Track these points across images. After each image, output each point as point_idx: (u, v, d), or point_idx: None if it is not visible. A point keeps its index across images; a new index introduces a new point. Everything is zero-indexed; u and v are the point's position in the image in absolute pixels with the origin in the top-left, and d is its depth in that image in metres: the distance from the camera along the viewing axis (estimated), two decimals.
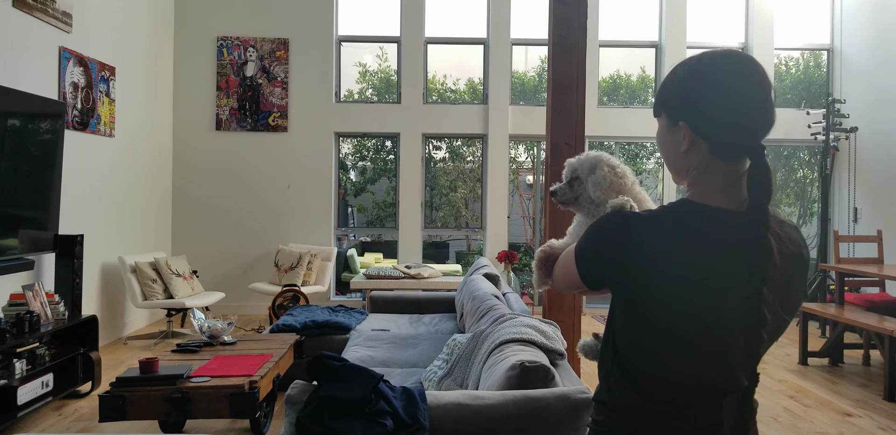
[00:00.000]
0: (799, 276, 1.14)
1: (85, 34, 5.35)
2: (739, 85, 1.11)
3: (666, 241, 1.08)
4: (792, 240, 1.13)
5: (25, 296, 3.98)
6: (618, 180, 1.39)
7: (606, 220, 1.15)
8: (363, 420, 2.03)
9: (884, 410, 4.14)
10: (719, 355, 1.10)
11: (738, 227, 1.07)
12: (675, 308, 1.08)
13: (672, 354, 1.11)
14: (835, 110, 6.87)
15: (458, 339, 3.28)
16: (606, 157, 1.44)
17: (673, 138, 1.17)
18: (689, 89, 1.14)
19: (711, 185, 1.13)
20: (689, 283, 1.06)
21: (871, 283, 6.16)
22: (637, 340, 1.14)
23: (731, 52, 1.16)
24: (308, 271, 6.69)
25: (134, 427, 3.63)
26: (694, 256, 1.07)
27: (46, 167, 4.38)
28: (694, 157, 1.14)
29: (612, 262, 1.12)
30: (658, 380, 1.13)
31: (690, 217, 1.11)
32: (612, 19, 7.61)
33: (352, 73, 7.87)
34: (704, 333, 1.08)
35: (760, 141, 1.11)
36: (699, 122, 1.12)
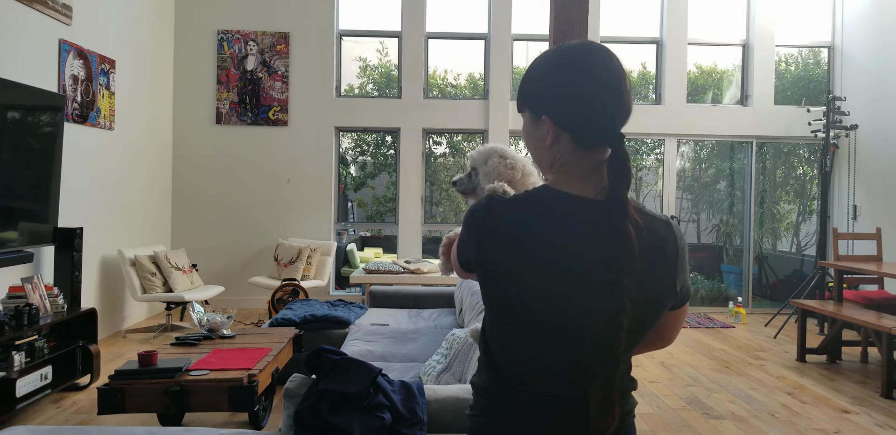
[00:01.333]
0: (661, 270, 1.12)
1: (85, 27, 5.33)
2: (595, 76, 1.12)
3: (516, 224, 1.09)
4: (654, 232, 1.12)
5: (24, 289, 3.98)
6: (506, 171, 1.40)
7: (474, 204, 1.17)
8: (361, 414, 2.04)
9: (881, 407, 4.15)
10: (571, 350, 1.08)
11: (595, 213, 1.07)
12: (527, 292, 1.08)
13: (525, 340, 1.11)
14: (835, 108, 6.87)
15: (457, 334, 3.29)
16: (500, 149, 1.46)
17: (537, 132, 1.17)
18: (547, 84, 1.15)
19: (572, 174, 1.14)
20: (536, 267, 1.06)
21: (870, 280, 6.16)
22: (496, 325, 1.15)
23: (585, 43, 1.17)
24: (308, 266, 6.69)
25: (132, 420, 3.63)
26: (544, 241, 1.07)
27: (46, 160, 4.38)
28: (558, 150, 1.15)
29: (472, 244, 1.13)
30: (515, 366, 1.13)
31: (545, 201, 1.11)
32: (613, 15, 7.59)
33: (352, 68, 7.86)
34: (555, 319, 1.07)
35: (620, 129, 1.12)
36: (560, 115, 1.13)
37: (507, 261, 1.08)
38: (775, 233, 8.31)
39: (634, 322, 1.08)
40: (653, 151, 8.33)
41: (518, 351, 1.12)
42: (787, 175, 8.38)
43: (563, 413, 1.11)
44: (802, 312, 5.31)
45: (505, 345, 1.14)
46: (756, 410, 4.03)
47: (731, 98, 7.90)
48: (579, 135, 1.13)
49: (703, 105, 7.76)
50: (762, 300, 7.96)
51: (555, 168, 1.16)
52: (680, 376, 4.78)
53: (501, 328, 1.14)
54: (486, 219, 1.11)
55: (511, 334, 1.12)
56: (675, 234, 1.16)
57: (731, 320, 6.96)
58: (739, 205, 8.00)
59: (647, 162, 8.44)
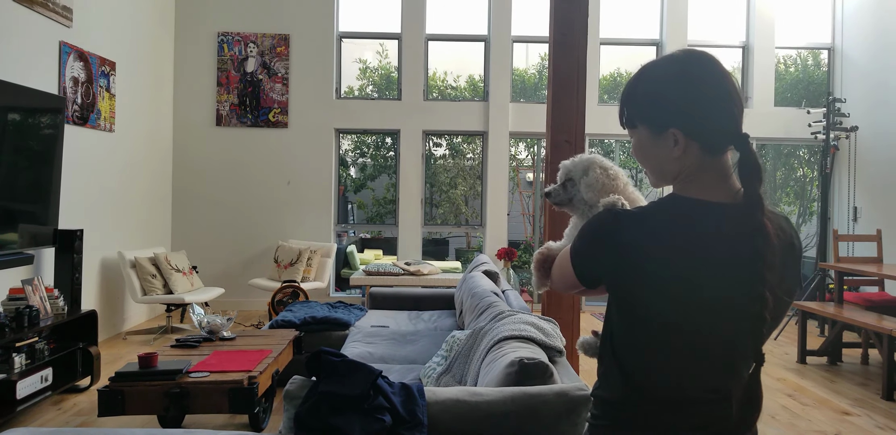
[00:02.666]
0: (791, 264, 1.15)
1: (85, 29, 5.34)
2: (711, 79, 1.13)
3: (657, 237, 1.09)
4: (783, 229, 1.15)
5: (25, 290, 3.98)
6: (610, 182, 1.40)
7: (598, 218, 1.17)
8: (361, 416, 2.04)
9: (882, 408, 4.15)
10: (717, 352, 1.11)
11: (734, 217, 1.09)
12: (670, 305, 1.09)
13: (668, 352, 1.12)
14: (835, 109, 6.87)
15: (457, 335, 3.29)
16: (600, 160, 1.46)
17: (661, 146, 1.16)
18: (668, 97, 1.15)
19: (702, 181, 1.15)
20: (681, 279, 1.07)
21: (871, 282, 6.16)
22: (633, 338, 1.15)
23: (687, 50, 1.18)
24: (308, 267, 6.69)
25: (133, 422, 3.63)
26: (686, 252, 1.07)
27: (46, 162, 4.38)
28: (687, 160, 1.15)
29: (606, 260, 1.13)
30: (655, 378, 1.14)
31: (682, 212, 1.12)
32: (613, 17, 7.60)
33: (352, 70, 7.87)
34: (701, 330, 1.09)
35: (742, 130, 1.14)
36: (690, 125, 1.13)
37: (646, 276, 1.09)
38: None
39: (774, 316, 1.12)
40: None
41: (664, 361, 1.13)
42: (787, 177, 8.39)
43: (709, 416, 1.12)
44: (803, 313, 5.31)
45: (648, 356, 1.14)
46: None
47: None
48: (708, 143, 1.14)
49: None
50: None
51: (681, 177, 1.17)
52: None
53: (644, 339, 1.14)
54: (619, 233, 1.11)
55: (656, 345, 1.13)
56: (795, 229, 1.19)
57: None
58: None
59: None
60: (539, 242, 7.31)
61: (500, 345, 2.54)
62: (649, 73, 1.19)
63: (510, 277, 7.06)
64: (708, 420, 1.13)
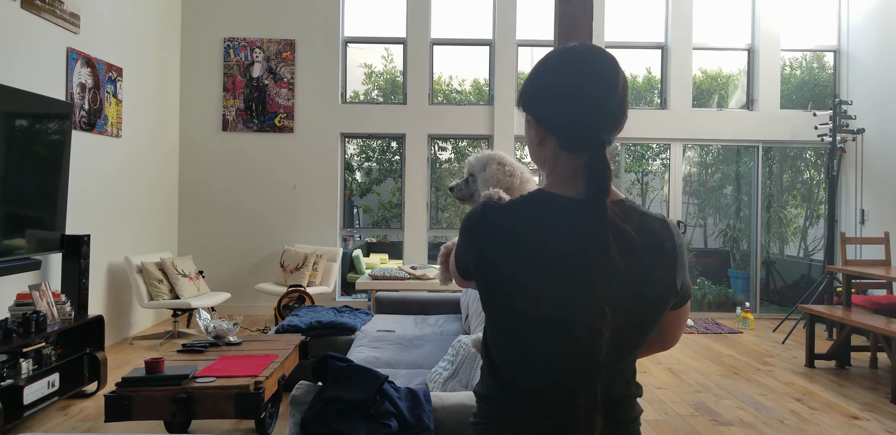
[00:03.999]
0: (661, 268, 1.11)
1: (92, 35, 5.37)
2: (582, 82, 1.12)
3: (511, 228, 1.09)
4: (650, 230, 1.11)
5: (32, 296, 3.99)
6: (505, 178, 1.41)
7: (470, 211, 1.18)
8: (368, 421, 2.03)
9: (891, 413, 4.12)
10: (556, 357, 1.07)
11: (579, 215, 1.07)
12: (524, 296, 1.08)
13: (524, 346, 1.11)
14: (841, 112, 6.85)
15: (463, 340, 3.28)
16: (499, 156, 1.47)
17: (528, 132, 1.20)
18: (536, 86, 1.17)
19: (562, 176, 1.15)
20: (532, 270, 1.06)
21: (879, 285, 6.13)
22: (494, 331, 1.16)
23: (582, 47, 1.17)
24: (313, 272, 6.70)
25: (139, 427, 3.64)
26: (539, 243, 1.07)
27: (53, 167, 4.40)
28: (546, 151, 1.17)
29: (469, 251, 1.14)
30: (515, 372, 1.13)
31: (539, 204, 1.12)
32: (617, 20, 7.60)
33: (357, 75, 7.88)
34: (551, 323, 1.07)
35: (602, 136, 1.11)
36: (545, 118, 1.15)
37: (504, 265, 1.08)
38: (782, 237, 8.28)
39: (634, 324, 1.08)
40: (658, 156, 8.32)
41: (517, 357, 1.12)
42: (793, 179, 8.36)
43: (562, 421, 1.09)
44: (811, 317, 5.28)
45: (505, 351, 1.14)
46: (765, 417, 4.01)
47: (737, 102, 7.89)
48: (562, 138, 1.14)
49: (708, 109, 7.75)
50: (770, 305, 7.92)
51: (547, 169, 1.19)
52: (688, 382, 4.76)
53: (501, 334, 1.14)
54: (482, 225, 1.12)
55: (510, 340, 1.12)
56: (672, 231, 1.15)
57: (738, 326, 6.93)
58: (746, 209, 7.98)
59: (653, 167, 8.43)
60: None
61: None
62: (538, 63, 1.20)
63: None
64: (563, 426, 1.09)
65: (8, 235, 3.99)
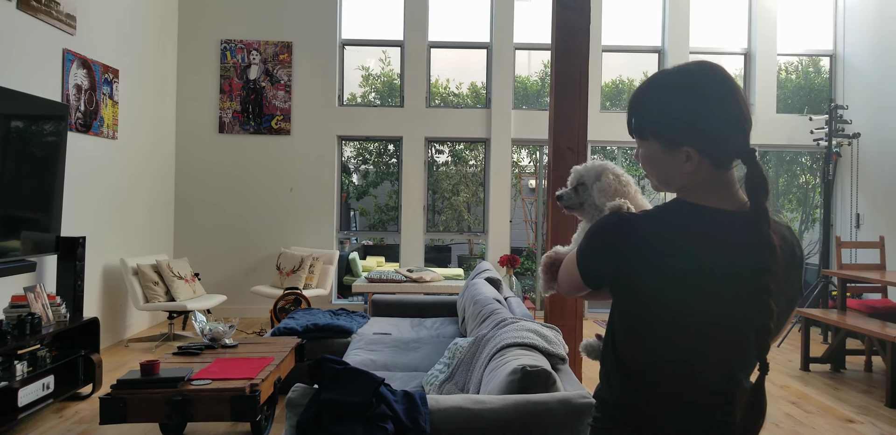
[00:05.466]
0: (794, 273, 1.17)
1: (89, 36, 5.36)
2: (725, 96, 1.13)
3: (660, 239, 1.11)
4: (784, 238, 1.16)
5: (27, 298, 3.98)
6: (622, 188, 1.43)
7: (603, 220, 1.19)
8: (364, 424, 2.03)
9: (886, 416, 4.13)
10: (719, 358, 1.12)
11: (738, 225, 1.10)
12: (671, 307, 1.10)
13: (669, 354, 1.13)
14: (837, 116, 6.87)
15: (459, 343, 3.28)
16: (612, 166, 1.49)
17: (672, 161, 1.17)
18: (683, 112, 1.14)
19: (706, 189, 1.16)
20: (682, 282, 1.09)
21: (874, 289, 6.15)
22: (635, 339, 1.17)
23: (700, 63, 1.17)
24: (310, 275, 6.69)
25: (135, 430, 3.62)
26: (688, 255, 1.09)
27: (49, 169, 4.39)
28: (697, 174, 1.16)
29: (610, 260, 1.15)
30: (655, 378, 1.15)
31: (685, 215, 1.14)
32: (615, 24, 7.62)
33: (355, 77, 7.89)
34: (702, 335, 1.11)
35: (753, 148, 1.14)
36: (705, 144, 1.14)
37: (652, 273, 1.10)
38: None
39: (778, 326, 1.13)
40: None
41: (665, 363, 1.14)
42: (789, 184, 8.38)
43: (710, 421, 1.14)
44: (806, 320, 5.29)
45: (649, 357, 1.15)
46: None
47: None
48: (719, 159, 1.15)
49: None
50: None
51: (680, 187, 1.18)
52: None
53: (646, 340, 1.15)
54: (624, 235, 1.13)
55: (657, 346, 1.14)
56: (797, 237, 1.21)
57: None
58: None
59: None
60: (542, 249, 7.31)
61: (502, 352, 2.53)
62: (662, 85, 1.18)
63: (513, 284, 7.05)
64: (709, 425, 1.14)
65: (3, 237, 3.97)
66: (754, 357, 1.11)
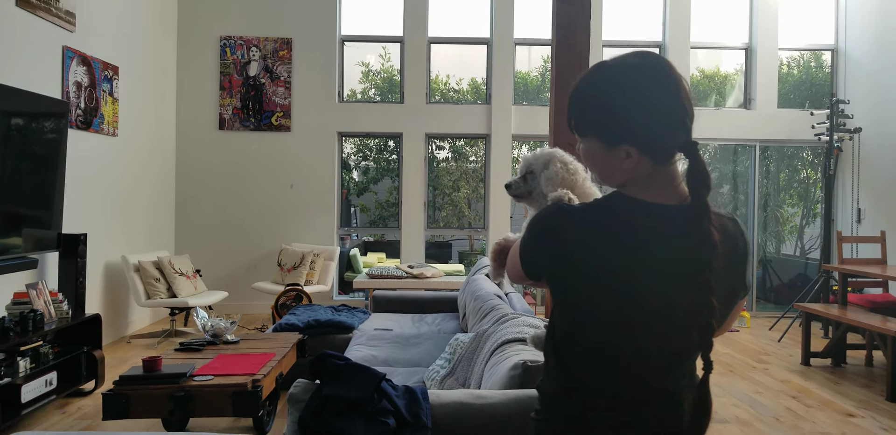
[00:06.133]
0: (736, 266, 1.15)
1: (88, 33, 5.36)
2: (666, 91, 1.11)
3: (595, 233, 1.09)
4: (727, 232, 1.14)
5: (29, 294, 3.99)
6: (570, 176, 1.41)
7: (543, 212, 1.17)
8: (365, 419, 2.04)
9: (886, 410, 4.13)
10: (658, 355, 1.11)
11: (677, 220, 1.08)
12: (605, 302, 1.08)
13: (604, 349, 1.12)
14: (839, 111, 6.86)
15: (460, 338, 3.29)
16: (560, 154, 1.47)
17: (612, 158, 1.14)
18: (623, 110, 1.11)
19: (646, 184, 1.13)
20: (616, 276, 1.07)
21: (875, 283, 6.15)
22: (571, 332, 1.15)
23: (640, 56, 1.14)
24: (311, 271, 6.70)
25: (137, 425, 3.64)
26: (623, 248, 1.07)
27: (50, 166, 4.39)
28: (637, 170, 1.13)
29: (544, 252, 1.13)
30: (591, 372, 1.14)
31: (623, 209, 1.12)
32: (615, 19, 7.60)
33: (355, 73, 7.88)
34: (638, 331, 1.09)
35: (692, 137, 1.12)
36: (644, 143, 1.11)
37: (591, 265, 1.08)
38: (779, 236, 8.29)
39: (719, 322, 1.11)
40: None
41: (603, 355, 1.13)
42: (790, 178, 8.37)
43: (652, 417, 1.12)
44: (807, 315, 5.30)
45: (588, 349, 1.14)
46: (760, 414, 4.02)
47: (734, 101, 7.90)
48: (660, 155, 1.12)
49: (705, 108, 7.76)
50: (766, 304, 7.94)
51: (621, 182, 1.16)
52: None
53: (585, 332, 1.14)
54: (560, 226, 1.12)
55: (597, 338, 1.12)
56: (742, 229, 1.18)
57: (735, 324, 6.94)
58: (743, 208, 7.99)
59: None
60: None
61: (503, 348, 2.54)
62: (600, 81, 1.15)
63: None
64: (646, 421, 1.12)
65: (4, 234, 3.98)
66: (695, 354, 1.08)
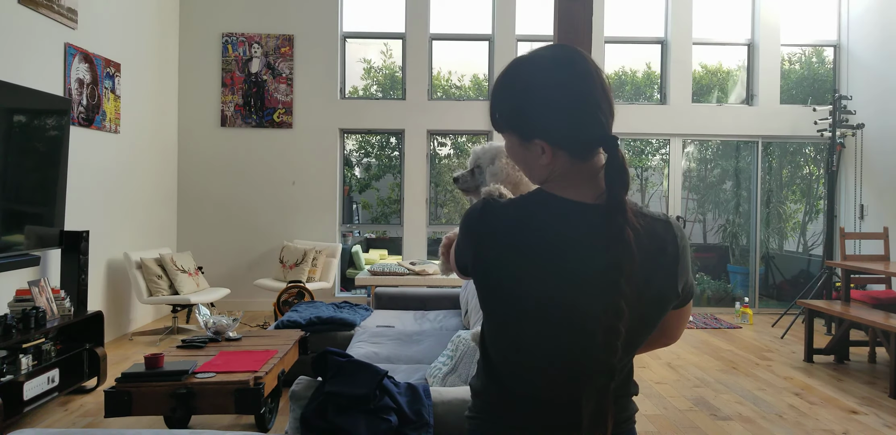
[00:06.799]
0: (663, 271, 1.10)
1: (90, 31, 5.35)
2: (579, 85, 1.08)
3: (508, 228, 1.07)
4: (654, 234, 1.10)
5: (31, 292, 3.99)
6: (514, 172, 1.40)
7: (471, 208, 1.16)
8: (367, 416, 2.03)
9: (889, 407, 4.13)
10: (562, 357, 1.08)
11: (593, 218, 1.05)
12: (524, 296, 1.07)
13: (523, 345, 1.10)
14: (841, 107, 6.84)
15: (462, 335, 3.28)
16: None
17: (529, 153, 1.13)
18: (532, 106, 1.10)
19: (569, 181, 1.11)
20: (534, 271, 1.05)
21: (877, 280, 6.14)
22: (494, 329, 1.14)
23: (555, 50, 1.13)
24: (313, 268, 6.70)
25: (139, 422, 3.64)
26: (541, 244, 1.05)
27: (52, 163, 4.39)
28: (555, 165, 1.11)
29: (468, 248, 1.13)
30: (512, 370, 1.13)
31: (543, 205, 1.10)
32: (617, 15, 7.58)
33: (356, 70, 7.86)
34: (554, 324, 1.06)
35: (611, 133, 1.10)
36: (555, 136, 1.10)
37: (504, 264, 1.07)
38: (781, 233, 8.28)
39: (636, 324, 1.06)
40: (658, 151, 8.31)
41: (515, 355, 1.12)
42: (793, 175, 8.35)
43: (559, 420, 1.10)
44: (809, 312, 5.29)
45: (503, 349, 1.13)
46: (763, 411, 4.02)
47: (737, 97, 7.88)
48: (575, 149, 1.10)
49: (708, 105, 7.74)
50: (769, 300, 7.93)
51: (551, 178, 1.14)
52: (687, 377, 4.76)
53: (499, 332, 1.13)
54: (482, 222, 1.10)
55: (509, 338, 1.11)
56: (676, 233, 1.13)
57: (737, 321, 6.93)
58: (745, 205, 7.98)
59: (653, 162, 8.41)
60: None
61: None
62: (513, 76, 1.14)
63: None
64: (558, 423, 1.10)
65: (7, 231, 3.98)
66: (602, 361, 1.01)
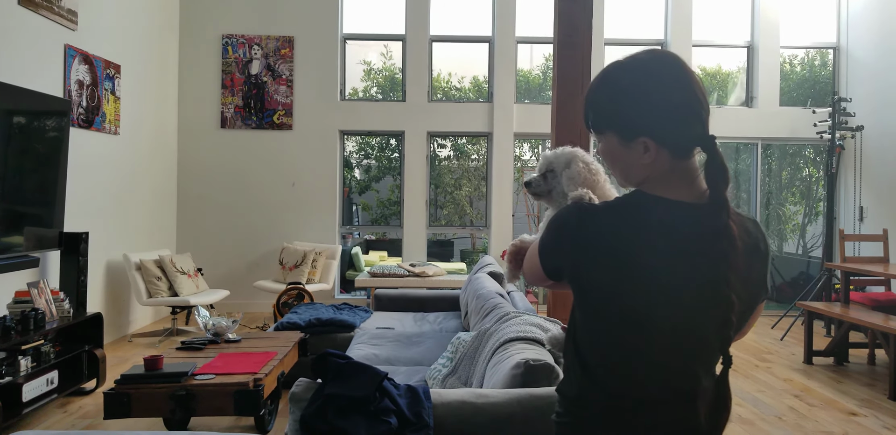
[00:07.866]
0: (756, 267, 1.14)
1: (90, 32, 5.35)
2: (679, 83, 1.12)
3: (617, 232, 1.08)
4: (749, 232, 1.14)
5: (30, 293, 3.99)
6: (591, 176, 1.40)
7: (564, 211, 1.17)
8: (367, 418, 2.03)
9: (889, 409, 4.13)
10: (679, 352, 1.10)
11: (698, 217, 1.08)
12: (627, 302, 1.08)
13: (627, 349, 1.11)
14: (841, 109, 6.84)
15: (462, 337, 3.28)
16: (582, 153, 1.46)
17: (631, 153, 1.15)
18: (637, 103, 1.13)
19: (668, 181, 1.13)
20: (639, 276, 1.06)
21: (877, 282, 6.13)
22: (592, 334, 1.15)
23: (651, 52, 1.16)
24: (313, 269, 6.70)
25: (138, 424, 3.63)
26: (643, 248, 1.06)
27: (52, 165, 4.39)
28: (657, 165, 1.13)
29: (566, 253, 1.13)
30: (614, 374, 1.13)
31: (643, 208, 1.11)
32: (617, 17, 7.58)
33: (356, 71, 7.87)
34: (661, 330, 1.08)
35: (709, 131, 1.13)
36: (661, 133, 1.12)
37: (610, 268, 1.08)
38: (781, 234, 8.28)
39: (739, 319, 1.10)
40: None
41: (624, 359, 1.12)
42: (792, 176, 8.36)
43: (672, 417, 1.11)
44: (809, 314, 5.29)
45: (608, 353, 1.13)
46: (763, 413, 4.01)
47: (737, 99, 7.89)
48: (678, 148, 1.12)
49: None
50: (768, 302, 7.93)
51: (649, 179, 1.16)
52: None
53: (604, 335, 1.13)
54: (581, 226, 1.11)
55: (616, 341, 1.12)
56: (763, 231, 1.18)
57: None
58: (745, 206, 7.98)
59: None
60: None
61: (505, 346, 2.53)
62: (615, 78, 1.17)
63: None
64: (672, 421, 1.11)
65: (6, 233, 3.98)
66: (717, 351, 1.07)
